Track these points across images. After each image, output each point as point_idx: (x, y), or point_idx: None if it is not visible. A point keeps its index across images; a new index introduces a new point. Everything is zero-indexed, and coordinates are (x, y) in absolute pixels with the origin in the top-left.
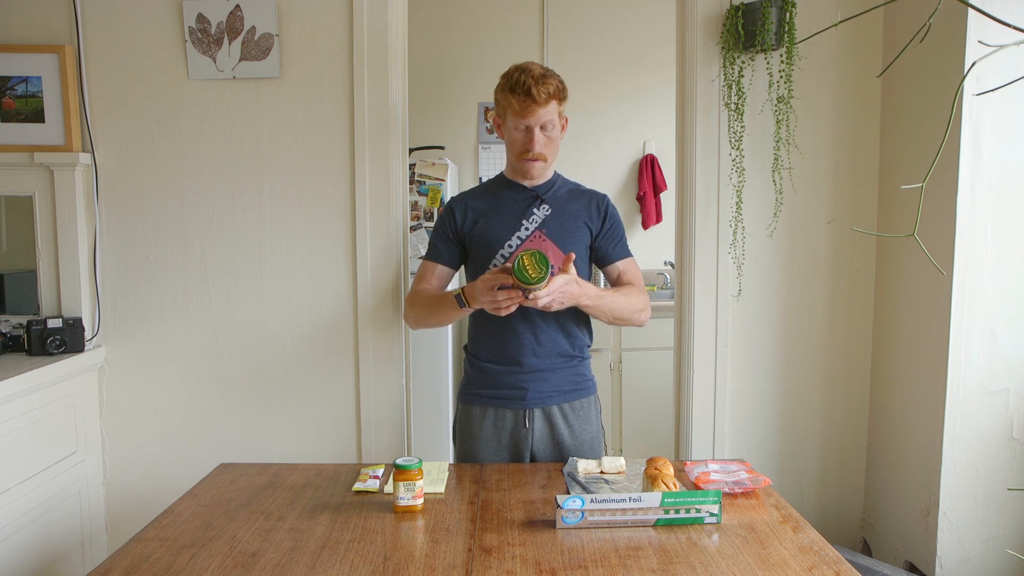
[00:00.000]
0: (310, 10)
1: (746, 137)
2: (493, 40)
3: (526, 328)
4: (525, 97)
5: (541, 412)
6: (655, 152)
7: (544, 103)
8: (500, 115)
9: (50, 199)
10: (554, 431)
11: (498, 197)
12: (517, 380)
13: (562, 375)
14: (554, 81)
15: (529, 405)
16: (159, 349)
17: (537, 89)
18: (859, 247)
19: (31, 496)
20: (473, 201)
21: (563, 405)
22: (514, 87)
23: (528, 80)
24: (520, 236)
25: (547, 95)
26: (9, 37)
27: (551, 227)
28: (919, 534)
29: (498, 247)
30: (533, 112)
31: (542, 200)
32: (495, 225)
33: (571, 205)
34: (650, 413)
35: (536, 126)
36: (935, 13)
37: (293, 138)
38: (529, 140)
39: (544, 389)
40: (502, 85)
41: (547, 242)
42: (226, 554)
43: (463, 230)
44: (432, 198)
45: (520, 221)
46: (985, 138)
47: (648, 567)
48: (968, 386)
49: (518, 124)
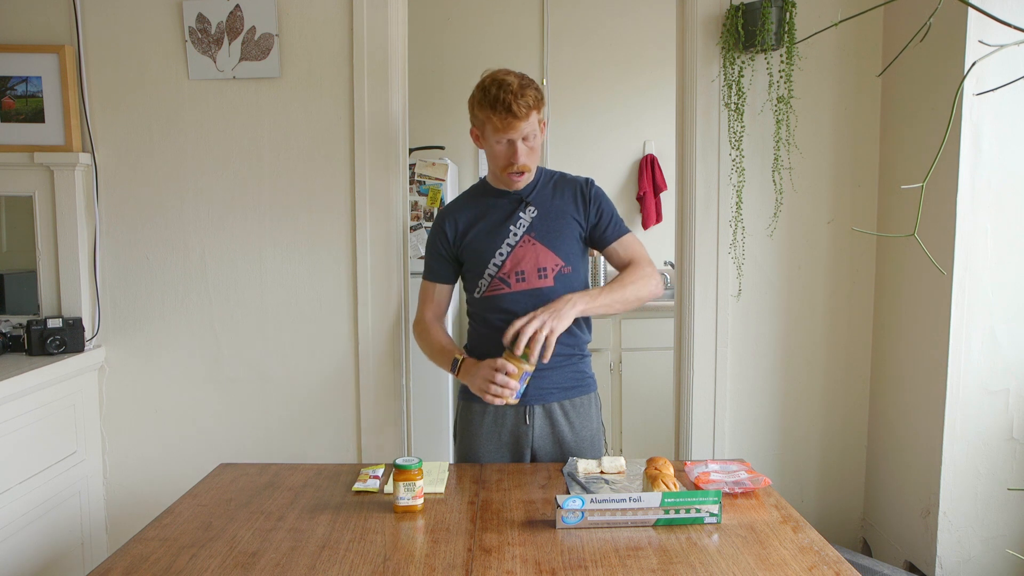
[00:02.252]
0: (310, 10)
1: (746, 137)
2: (493, 40)
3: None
4: (506, 114)
5: (542, 409)
6: (655, 152)
7: (525, 117)
8: (478, 127)
9: (50, 199)
10: (555, 428)
11: (483, 206)
12: None
13: (562, 372)
14: (531, 92)
15: (530, 402)
16: (159, 349)
17: (518, 105)
18: (859, 247)
19: (31, 496)
20: (460, 214)
21: (563, 402)
22: (494, 104)
23: (508, 97)
24: (510, 243)
25: (527, 108)
26: (9, 37)
27: (539, 230)
28: (919, 534)
29: (489, 257)
30: (515, 128)
31: (527, 203)
32: (484, 235)
33: (556, 201)
34: (650, 413)
35: (519, 139)
36: (935, 13)
37: (293, 138)
38: (513, 154)
39: (544, 386)
40: (479, 100)
41: (537, 245)
42: (226, 554)
43: (454, 245)
44: (432, 198)
45: (508, 228)
46: (985, 138)
47: (648, 567)
48: (968, 386)
49: (500, 139)
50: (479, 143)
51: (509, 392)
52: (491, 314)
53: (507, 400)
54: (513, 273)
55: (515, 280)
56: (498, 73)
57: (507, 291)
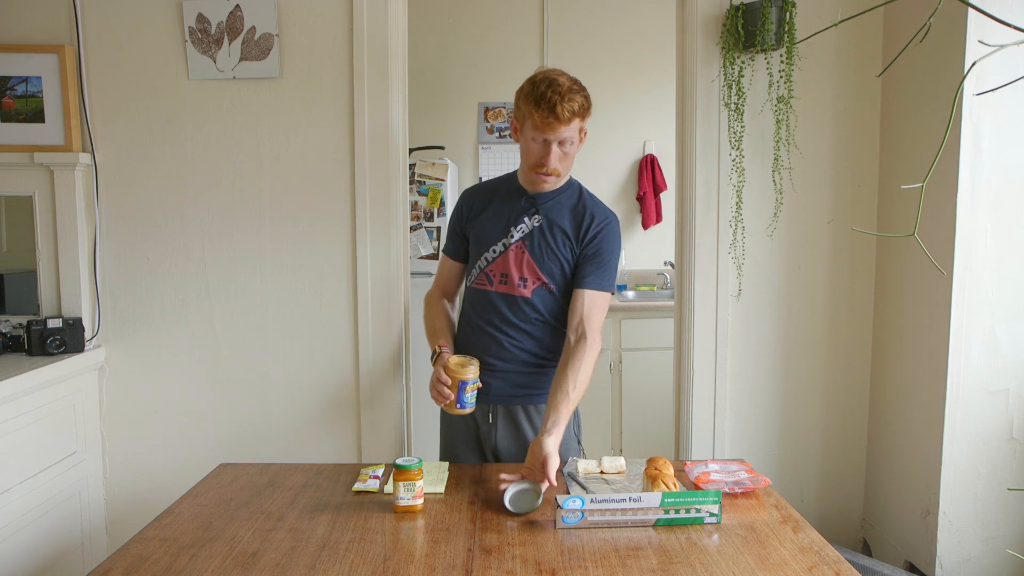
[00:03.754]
0: (310, 10)
1: (746, 137)
2: (493, 40)
3: (495, 332)
4: (549, 113)
5: (505, 409)
6: (655, 152)
7: (567, 121)
8: (519, 120)
9: (50, 199)
10: (519, 431)
11: (500, 196)
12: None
13: (529, 377)
14: (579, 98)
15: (492, 401)
16: (159, 349)
17: (562, 107)
18: (859, 247)
19: (31, 496)
20: (478, 197)
21: (528, 406)
22: (539, 101)
23: (555, 97)
24: (505, 243)
25: (571, 113)
26: (9, 37)
27: (535, 240)
28: (919, 534)
29: (484, 250)
30: (554, 129)
31: (536, 210)
32: (488, 226)
33: (564, 220)
34: (650, 413)
35: (555, 141)
36: (935, 13)
37: (293, 138)
38: (545, 155)
39: (507, 389)
40: (526, 93)
41: (525, 255)
42: (226, 554)
43: (465, 223)
44: (432, 198)
45: (509, 228)
46: (985, 138)
47: (648, 567)
48: (968, 386)
49: (536, 136)
50: (516, 136)
51: (444, 399)
52: (472, 307)
53: (450, 408)
54: (498, 273)
55: (498, 280)
56: (552, 72)
57: (489, 288)
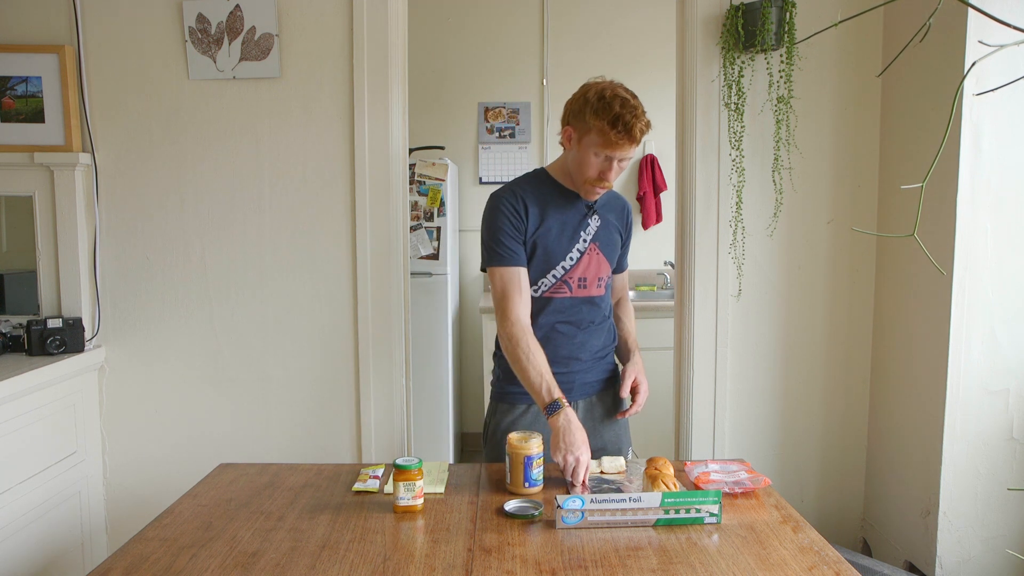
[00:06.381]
0: (310, 10)
1: (746, 137)
2: (493, 40)
3: (577, 333)
4: (625, 134)
5: (585, 403)
6: (655, 152)
7: (638, 142)
8: (580, 132)
9: (50, 199)
10: (593, 423)
11: (555, 203)
12: (562, 378)
13: (602, 365)
14: (646, 118)
15: (574, 398)
16: (159, 349)
17: (639, 129)
18: (859, 247)
19: (31, 496)
20: (534, 206)
21: (601, 393)
22: (615, 121)
23: (631, 119)
24: (579, 249)
25: (642, 133)
26: (9, 37)
27: (601, 239)
28: (919, 534)
29: (558, 260)
30: (625, 149)
31: (594, 211)
32: (557, 235)
33: (610, 215)
34: (650, 413)
35: (617, 159)
36: (935, 13)
37: (293, 138)
38: (607, 171)
39: (588, 380)
40: (596, 109)
41: (600, 255)
42: (226, 554)
43: (529, 233)
44: (432, 198)
45: (579, 233)
46: (985, 138)
47: (648, 567)
48: (968, 386)
49: (600, 152)
50: (568, 144)
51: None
52: (545, 316)
53: (516, 487)
54: (576, 278)
55: (576, 286)
56: (617, 87)
57: (567, 295)
